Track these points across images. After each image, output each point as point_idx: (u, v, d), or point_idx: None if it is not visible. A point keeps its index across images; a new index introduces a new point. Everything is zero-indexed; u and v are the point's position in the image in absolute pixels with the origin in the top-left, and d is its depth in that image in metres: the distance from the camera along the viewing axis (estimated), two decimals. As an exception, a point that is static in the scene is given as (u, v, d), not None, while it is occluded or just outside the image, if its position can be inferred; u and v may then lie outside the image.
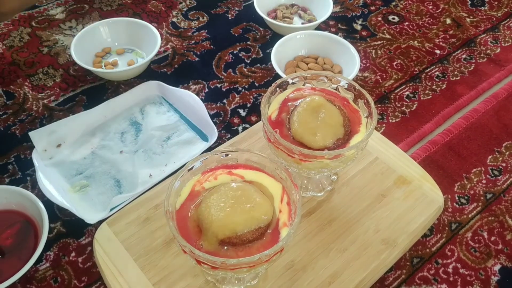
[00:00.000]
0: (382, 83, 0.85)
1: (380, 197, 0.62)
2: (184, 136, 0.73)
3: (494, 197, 0.69)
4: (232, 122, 0.78)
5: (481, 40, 0.94)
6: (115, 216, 0.59)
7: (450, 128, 0.78)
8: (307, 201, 0.61)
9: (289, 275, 0.54)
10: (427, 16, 1.00)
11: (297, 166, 0.53)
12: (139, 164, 0.70)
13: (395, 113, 0.80)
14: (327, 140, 0.52)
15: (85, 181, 0.68)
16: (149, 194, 0.61)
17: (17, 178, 0.69)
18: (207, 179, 0.49)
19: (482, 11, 1.01)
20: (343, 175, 0.64)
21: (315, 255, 0.56)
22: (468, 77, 0.87)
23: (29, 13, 0.95)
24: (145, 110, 0.77)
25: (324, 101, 0.54)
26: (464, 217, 0.67)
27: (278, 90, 0.57)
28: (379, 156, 0.66)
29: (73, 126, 0.72)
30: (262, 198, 0.46)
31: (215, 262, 0.41)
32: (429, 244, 0.64)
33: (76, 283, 0.59)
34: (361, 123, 0.55)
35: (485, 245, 0.64)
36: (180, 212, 0.46)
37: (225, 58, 0.89)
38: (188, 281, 0.54)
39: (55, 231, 0.64)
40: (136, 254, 0.55)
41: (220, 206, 0.44)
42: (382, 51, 0.91)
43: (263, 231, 0.45)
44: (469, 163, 0.73)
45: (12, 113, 0.78)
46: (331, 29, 0.95)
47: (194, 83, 0.84)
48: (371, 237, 0.58)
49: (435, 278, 0.61)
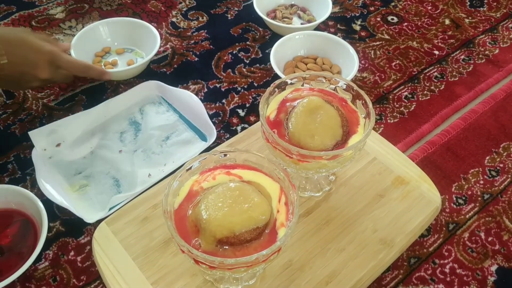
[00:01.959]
0: (381, 83, 0.85)
1: (378, 197, 0.62)
2: (183, 136, 0.74)
3: (492, 197, 0.69)
4: (231, 122, 0.78)
5: (480, 41, 0.95)
6: (114, 215, 0.59)
7: (448, 129, 0.78)
8: (305, 201, 0.61)
9: (287, 275, 0.55)
10: (426, 16, 1.00)
11: (295, 167, 0.53)
12: (138, 164, 0.70)
13: (394, 114, 0.80)
14: (325, 142, 0.52)
15: (84, 180, 0.68)
16: (147, 193, 0.61)
17: (17, 177, 0.69)
18: (205, 179, 0.49)
19: (481, 12, 1.02)
20: (341, 175, 0.64)
21: (313, 255, 0.56)
22: (466, 78, 0.87)
23: (29, 12, 0.96)
24: (144, 109, 0.78)
25: (322, 102, 0.55)
26: (461, 218, 0.67)
27: (277, 91, 0.58)
28: (377, 156, 0.66)
29: (73, 125, 0.72)
30: (260, 198, 0.46)
31: (213, 262, 0.42)
32: (426, 244, 0.64)
33: (75, 282, 0.59)
34: (359, 123, 0.55)
35: (482, 246, 0.64)
36: (179, 212, 0.47)
37: (224, 58, 0.89)
38: (186, 280, 0.54)
39: (54, 230, 0.64)
40: (135, 254, 0.56)
41: (218, 206, 0.45)
42: (381, 51, 0.91)
43: (260, 231, 0.45)
44: (467, 164, 0.74)
45: (12, 112, 0.78)
46: (330, 30, 0.96)
47: (193, 83, 0.84)
48: (368, 237, 0.58)
49: (432, 278, 0.61)
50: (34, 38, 0.69)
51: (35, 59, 0.68)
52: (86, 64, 0.76)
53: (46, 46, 0.70)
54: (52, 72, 0.71)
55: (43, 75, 0.70)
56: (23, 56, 0.67)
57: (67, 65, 0.73)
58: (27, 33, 0.70)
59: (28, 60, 0.68)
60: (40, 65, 0.69)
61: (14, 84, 0.72)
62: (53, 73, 0.72)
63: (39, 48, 0.69)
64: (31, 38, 0.69)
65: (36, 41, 0.69)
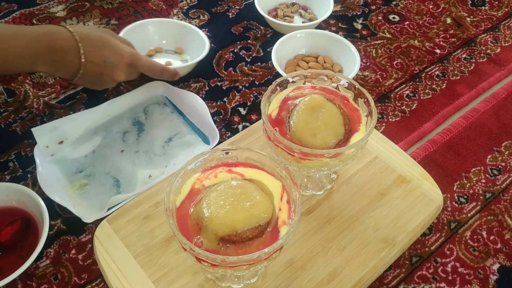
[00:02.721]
0: (382, 82, 0.85)
1: (380, 196, 0.62)
2: (185, 138, 0.73)
3: (493, 196, 0.69)
4: (232, 120, 0.78)
5: (481, 39, 0.95)
6: (116, 213, 0.59)
7: (450, 128, 0.78)
8: (306, 199, 0.61)
9: (289, 273, 0.55)
10: (427, 15, 1.00)
11: (297, 165, 0.53)
12: (139, 165, 0.70)
13: (395, 112, 0.80)
14: (327, 141, 0.52)
15: (84, 179, 0.68)
16: (149, 192, 0.61)
17: (18, 176, 0.69)
18: (207, 177, 0.49)
19: (482, 10, 1.01)
20: (342, 174, 0.64)
21: (315, 253, 0.56)
22: (468, 77, 0.87)
23: (30, 10, 0.96)
24: (148, 110, 0.77)
25: (324, 100, 0.55)
26: (463, 216, 0.67)
27: (279, 89, 0.58)
28: (379, 155, 0.66)
29: (76, 123, 0.72)
30: (262, 196, 0.46)
31: (215, 260, 0.42)
32: (428, 243, 0.64)
33: (76, 280, 0.59)
34: (361, 122, 0.55)
35: (484, 244, 0.64)
36: (180, 210, 0.47)
37: (225, 56, 0.89)
38: (188, 278, 0.54)
39: (56, 228, 0.64)
40: (136, 252, 0.56)
41: (220, 204, 0.45)
42: (383, 50, 0.91)
43: (262, 229, 0.45)
44: (469, 163, 0.73)
45: (13, 110, 0.78)
46: (332, 28, 0.95)
47: (194, 82, 0.84)
48: (370, 235, 0.58)
49: (434, 277, 0.61)
50: (115, 40, 0.69)
51: (115, 61, 0.68)
52: (162, 67, 0.76)
53: (126, 49, 0.70)
54: (128, 74, 0.72)
55: (121, 78, 0.70)
56: (103, 57, 0.67)
57: (145, 69, 0.73)
58: (109, 34, 0.70)
59: (108, 61, 0.68)
60: (119, 68, 0.69)
61: (91, 83, 0.72)
62: (129, 75, 0.72)
63: (120, 50, 0.69)
64: (113, 40, 0.69)
65: (117, 43, 0.69)
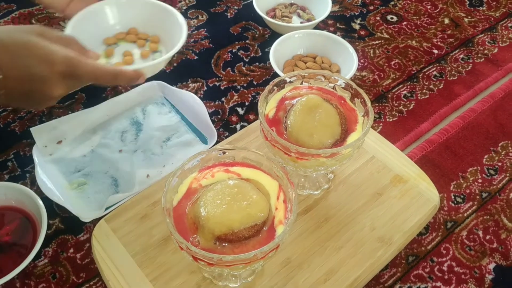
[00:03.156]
0: (380, 82, 0.86)
1: (376, 196, 0.62)
2: (183, 137, 0.74)
3: (490, 196, 0.70)
4: (230, 120, 0.78)
5: (479, 40, 0.95)
6: (113, 213, 0.59)
7: (447, 128, 0.78)
8: (303, 199, 0.62)
9: (285, 272, 0.55)
10: (425, 16, 1.00)
11: (293, 164, 0.54)
12: (138, 164, 0.70)
13: (393, 112, 0.81)
14: (323, 140, 0.53)
15: (83, 178, 0.68)
16: (147, 191, 0.62)
17: (17, 175, 0.69)
18: (204, 176, 0.49)
19: (480, 11, 1.02)
20: (339, 174, 0.64)
21: (311, 252, 0.56)
22: (465, 77, 0.87)
23: (29, 10, 0.96)
24: (147, 110, 0.77)
25: (321, 100, 0.55)
26: (459, 216, 0.67)
27: (276, 89, 0.58)
28: (376, 154, 0.66)
29: (75, 123, 0.72)
30: (258, 195, 0.46)
31: (212, 259, 0.42)
32: (424, 242, 0.64)
33: (74, 279, 0.59)
34: (358, 121, 0.56)
35: (480, 244, 0.64)
36: (177, 209, 0.47)
37: (224, 56, 0.89)
38: (185, 277, 0.54)
39: (54, 227, 0.64)
40: (134, 251, 0.56)
41: (216, 203, 0.45)
42: (380, 50, 0.92)
43: (259, 228, 0.45)
44: (465, 162, 0.74)
45: (12, 110, 0.78)
46: (330, 28, 0.96)
47: (192, 81, 0.84)
48: (366, 235, 0.58)
49: (430, 276, 0.61)
50: (42, 41, 0.50)
51: (45, 72, 0.49)
52: (115, 71, 0.56)
53: (59, 53, 0.50)
54: (70, 86, 0.54)
55: (57, 92, 0.52)
56: (27, 68, 0.49)
57: (89, 76, 0.53)
58: (36, 34, 0.50)
59: (35, 74, 0.49)
60: (52, 80, 0.50)
61: (23, 103, 0.55)
62: (71, 86, 0.54)
63: (49, 56, 0.50)
64: (39, 43, 0.50)
65: (46, 47, 0.50)
